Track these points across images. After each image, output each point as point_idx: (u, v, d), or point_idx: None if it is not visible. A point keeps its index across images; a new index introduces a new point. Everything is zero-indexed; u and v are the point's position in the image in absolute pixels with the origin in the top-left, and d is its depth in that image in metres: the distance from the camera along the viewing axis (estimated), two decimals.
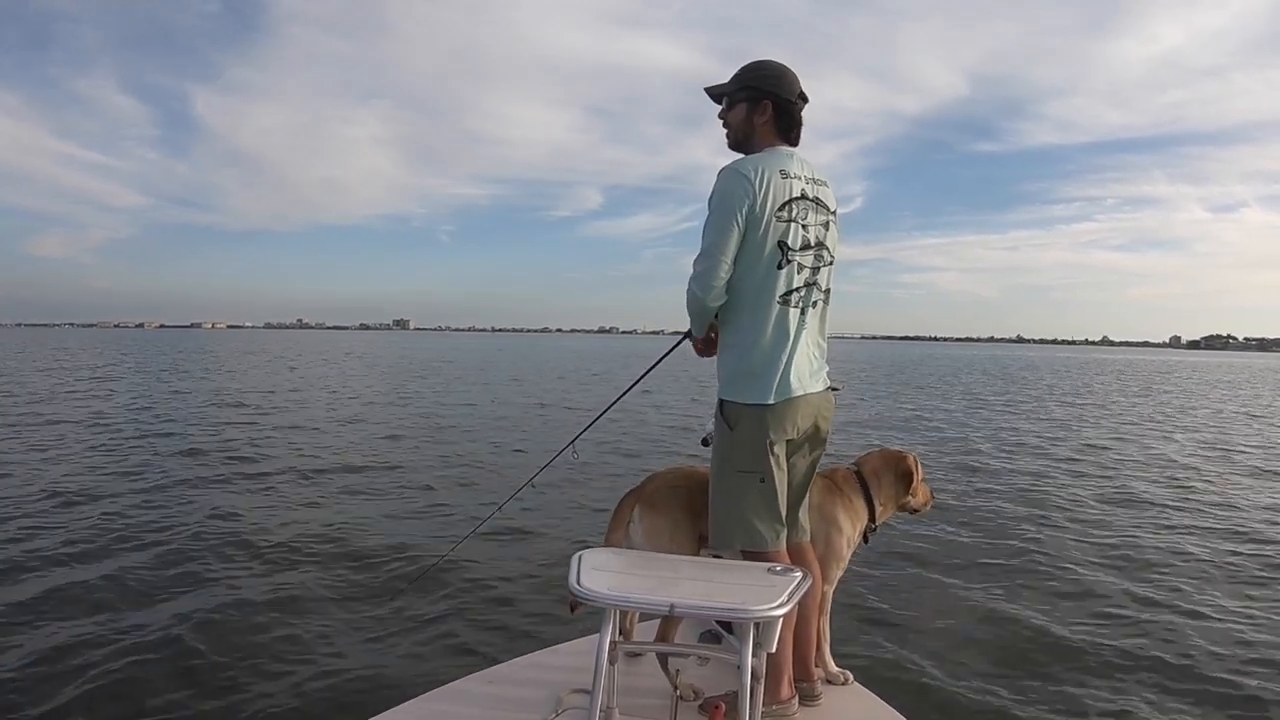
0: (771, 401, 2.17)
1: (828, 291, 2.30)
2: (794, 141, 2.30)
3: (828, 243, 2.27)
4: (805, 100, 2.29)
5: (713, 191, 2.19)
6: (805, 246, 2.20)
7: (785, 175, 2.17)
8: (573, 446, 2.99)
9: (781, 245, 2.16)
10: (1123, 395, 26.54)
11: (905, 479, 2.67)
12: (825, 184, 2.29)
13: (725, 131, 2.33)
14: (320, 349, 58.04)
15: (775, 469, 2.21)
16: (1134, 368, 58.45)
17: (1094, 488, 8.91)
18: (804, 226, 2.20)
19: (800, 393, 2.20)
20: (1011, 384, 31.46)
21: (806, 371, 2.23)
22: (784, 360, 2.18)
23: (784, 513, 2.24)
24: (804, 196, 2.20)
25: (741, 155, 2.28)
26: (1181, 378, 42.72)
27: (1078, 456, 11.44)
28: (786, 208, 2.16)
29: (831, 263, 2.30)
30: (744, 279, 2.19)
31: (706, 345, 2.36)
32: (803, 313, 2.22)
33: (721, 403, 2.25)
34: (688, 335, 2.40)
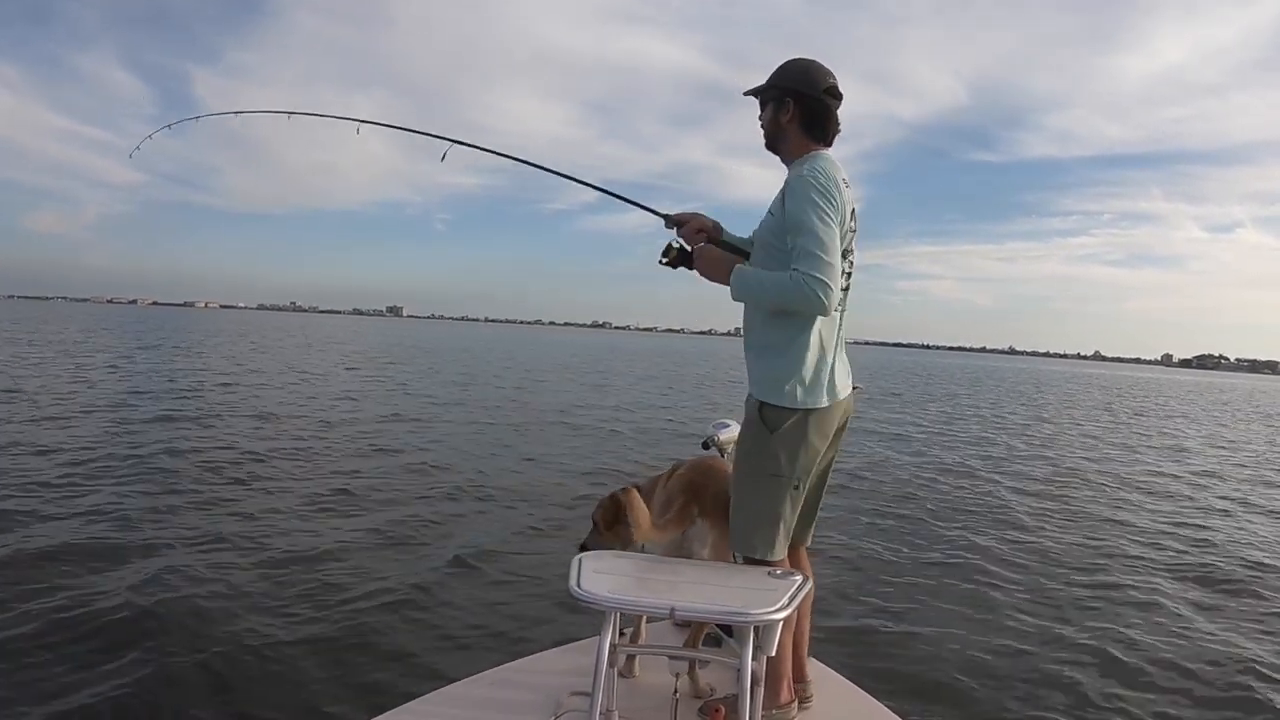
0: (824, 405, 2.18)
1: (847, 291, 2.32)
2: (829, 141, 2.28)
3: (853, 247, 2.29)
4: (837, 96, 2.25)
5: (808, 193, 2.09)
6: (847, 253, 2.23)
7: (846, 184, 2.20)
8: None
9: (845, 254, 2.19)
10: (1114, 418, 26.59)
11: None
12: (850, 186, 2.30)
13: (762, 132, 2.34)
14: (311, 336, 57.57)
15: (804, 476, 2.22)
16: (1123, 386, 58.68)
17: (1078, 502, 8.99)
18: (852, 232, 2.23)
19: (841, 395, 2.24)
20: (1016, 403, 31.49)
21: (842, 374, 2.27)
22: (831, 364, 2.22)
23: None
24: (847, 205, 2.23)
25: (776, 155, 2.30)
26: (1179, 402, 42.76)
27: (1065, 477, 11.51)
28: (852, 217, 2.20)
29: (853, 264, 2.32)
30: None
31: (711, 267, 2.27)
32: (839, 317, 2.26)
33: (762, 405, 2.20)
34: (684, 260, 2.31)
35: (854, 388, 2.36)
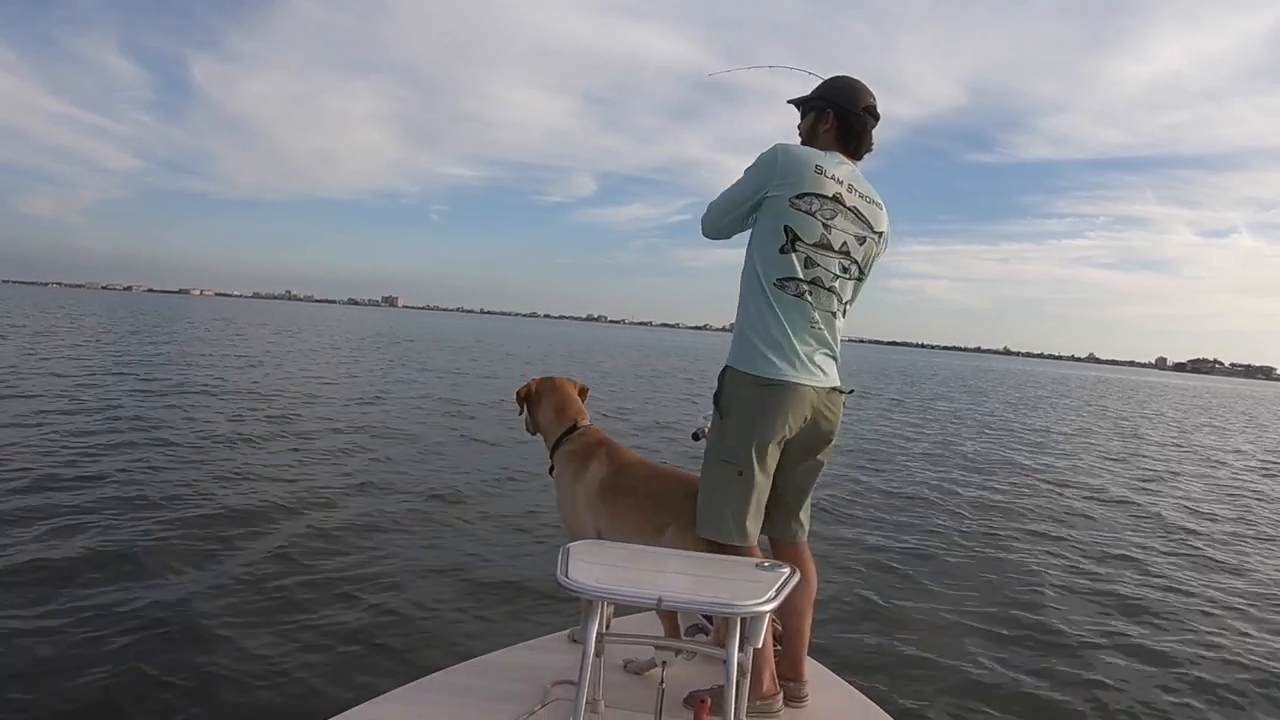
0: (777, 379, 2.20)
1: (847, 303, 2.34)
2: (854, 153, 2.35)
3: (857, 257, 2.30)
4: (874, 116, 2.34)
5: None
6: (824, 246, 2.22)
7: (819, 170, 2.21)
8: None
9: (788, 230, 2.20)
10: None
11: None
12: (877, 205, 2.33)
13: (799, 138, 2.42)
14: (302, 325, 57.30)
15: (757, 465, 2.22)
16: (1121, 389, 58.76)
17: (1078, 502, 9.03)
18: (825, 225, 2.21)
19: (788, 379, 2.21)
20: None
21: (800, 361, 2.23)
22: (780, 342, 2.22)
23: (757, 512, 2.25)
24: (836, 200, 2.22)
25: None
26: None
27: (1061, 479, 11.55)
28: (805, 199, 2.19)
29: (859, 278, 2.34)
30: (753, 256, 2.29)
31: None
32: (805, 303, 2.24)
33: (719, 384, 2.31)
34: None
35: (841, 391, 2.35)
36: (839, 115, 2.32)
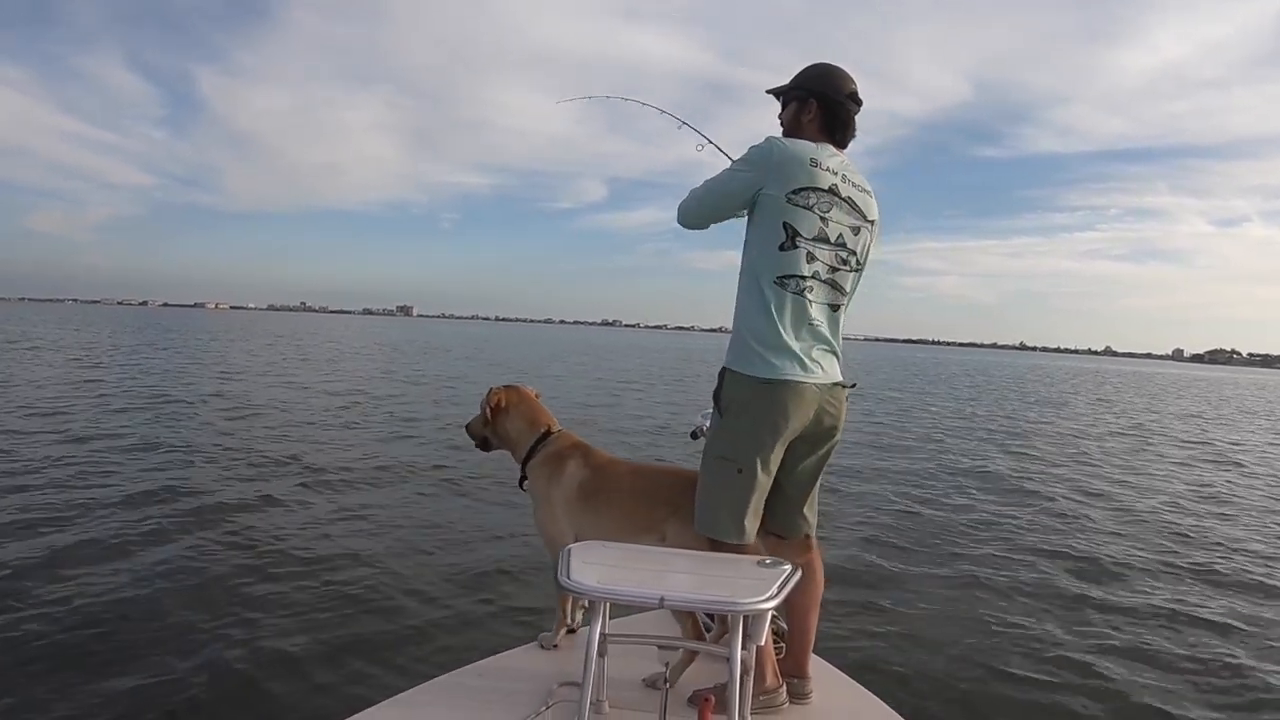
0: (761, 375, 2.18)
1: (848, 296, 2.32)
2: (840, 143, 2.33)
3: (855, 248, 2.28)
4: (857, 102, 2.31)
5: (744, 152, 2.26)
6: (822, 239, 2.21)
7: (814, 164, 2.18)
8: None
9: (787, 227, 2.18)
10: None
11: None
12: (868, 193, 2.30)
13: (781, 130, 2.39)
14: (321, 337, 57.67)
15: (759, 463, 2.20)
16: (1141, 382, 57.95)
17: (1072, 490, 8.94)
18: (823, 219, 2.20)
19: (788, 378, 2.19)
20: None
21: (798, 359, 2.21)
22: (777, 341, 2.19)
23: (755, 510, 2.24)
24: (832, 192, 2.20)
25: None
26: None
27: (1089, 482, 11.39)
28: (802, 194, 2.17)
29: (858, 269, 2.32)
30: (751, 254, 2.25)
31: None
32: (804, 300, 2.22)
33: (719, 382, 2.28)
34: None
35: (844, 386, 2.32)
36: (822, 104, 2.29)
